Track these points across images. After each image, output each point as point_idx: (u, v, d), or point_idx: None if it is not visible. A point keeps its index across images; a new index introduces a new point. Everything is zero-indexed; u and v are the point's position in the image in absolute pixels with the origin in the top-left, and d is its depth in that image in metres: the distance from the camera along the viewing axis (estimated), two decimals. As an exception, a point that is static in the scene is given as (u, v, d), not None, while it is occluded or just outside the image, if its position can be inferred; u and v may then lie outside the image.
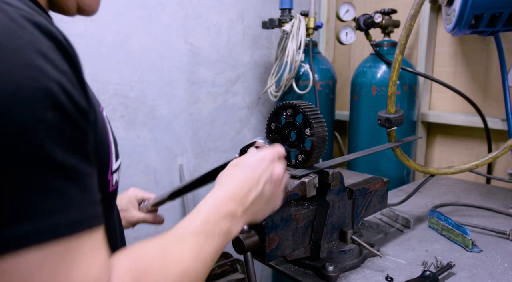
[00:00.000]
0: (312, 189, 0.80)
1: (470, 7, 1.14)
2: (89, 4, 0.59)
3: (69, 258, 0.39)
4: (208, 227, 0.57)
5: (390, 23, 1.71)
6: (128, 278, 0.44)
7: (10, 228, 0.36)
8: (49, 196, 0.38)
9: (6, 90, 0.35)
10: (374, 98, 1.72)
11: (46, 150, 0.37)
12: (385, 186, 1.04)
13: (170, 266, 0.49)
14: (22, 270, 0.36)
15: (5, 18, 0.37)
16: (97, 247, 0.42)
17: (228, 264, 1.88)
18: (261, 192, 0.64)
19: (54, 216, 0.38)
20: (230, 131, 1.98)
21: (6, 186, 0.35)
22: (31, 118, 0.36)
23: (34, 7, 0.46)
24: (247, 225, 0.75)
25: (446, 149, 1.90)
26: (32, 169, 0.36)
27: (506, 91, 1.54)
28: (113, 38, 1.52)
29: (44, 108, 0.37)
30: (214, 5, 1.82)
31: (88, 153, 0.43)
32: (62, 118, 0.39)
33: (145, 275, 0.46)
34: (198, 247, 0.54)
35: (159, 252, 0.50)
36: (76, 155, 0.41)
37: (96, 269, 0.41)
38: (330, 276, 0.86)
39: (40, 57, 0.38)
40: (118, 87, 1.56)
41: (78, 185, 0.41)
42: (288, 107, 0.83)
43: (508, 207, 1.30)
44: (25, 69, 0.36)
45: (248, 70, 2.01)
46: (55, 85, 0.38)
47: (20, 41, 0.37)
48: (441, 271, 0.87)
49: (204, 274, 0.54)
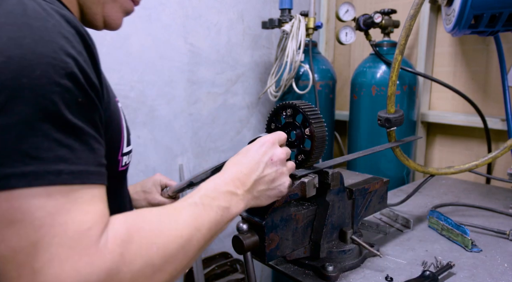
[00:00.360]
0: (312, 189, 0.80)
1: (470, 7, 1.14)
2: (114, 19, 0.68)
3: (69, 203, 0.44)
4: (206, 200, 0.59)
5: (390, 23, 1.72)
6: (122, 230, 0.47)
7: (18, 167, 0.42)
8: (57, 146, 0.44)
9: (31, 59, 0.44)
10: (374, 98, 1.72)
11: (58, 108, 0.44)
12: (385, 186, 1.04)
13: (164, 229, 0.52)
14: (25, 205, 0.41)
15: (37, 7, 0.47)
16: (97, 200, 0.47)
17: (228, 264, 1.88)
18: (261, 173, 0.67)
19: (59, 164, 0.44)
20: (230, 131, 1.98)
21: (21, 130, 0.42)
22: (48, 82, 0.44)
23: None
24: (247, 225, 0.75)
25: (446, 149, 1.91)
26: (45, 121, 0.43)
27: (506, 91, 1.54)
28: (113, 38, 1.52)
29: (59, 75, 0.45)
30: (214, 5, 1.82)
31: (96, 122, 0.50)
32: (74, 86, 0.46)
33: (138, 231, 0.49)
34: (194, 215, 0.56)
35: (156, 216, 0.53)
36: (85, 119, 0.47)
37: (93, 215, 0.45)
38: (330, 276, 0.86)
39: (62, 37, 0.47)
40: (118, 87, 1.56)
41: (84, 144, 0.47)
42: (288, 107, 0.83)
43: (508, 207, 1.30)
44: (48, 44, 0.45)
45: (248, 70, 2.01)
46: (71, 60, 0.47)
47: (47, 24, 0.47)
48: (441, 271, 0.87)
49: (198, 241, 0.56)
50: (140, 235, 0.48)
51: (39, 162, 0.43)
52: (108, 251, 0.44)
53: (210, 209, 0.58)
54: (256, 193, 0.67)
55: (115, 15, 0.68)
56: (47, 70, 0.44)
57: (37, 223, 0.41)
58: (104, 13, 0.66)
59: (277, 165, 0.69)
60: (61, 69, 0.45)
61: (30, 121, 0.43)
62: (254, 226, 0.76)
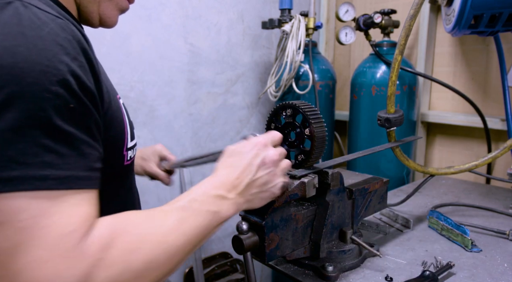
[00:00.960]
0: (311, 189, 0.80)
1: (470, 7, 1.14)
2: (109, 16, 0.69)
3: (53, 207, 0.45)
4: (194, 204, 0.58)
5: (390, 23, 1.72)
6: (106, 234, 0.47)
7: (5, 172, 0.43)
8: (44, 152, 0.45)
9: (23, 67, 0.45)
10: (374, 99, 1.72)
11: (48, 115, 0.45)
12: (384, 186, 1.04)
13: (149, 233, 0.52)
14: (9, 208, 0.43)
15: (32, 16, 0.49)
16: (84, 203, 0.48)
17: (228, 264, 1.88)
18: (254, 176, 0.65)
19: (45, 169, 0.45)
20: (230, 131, 1.98)
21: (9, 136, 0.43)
22: (39, 89, 0.45)
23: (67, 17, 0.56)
24: (247, 225, 0.75)
25: (446, 149, 1.91)
26: (34, 128, 0.44)
27: (506, 91, 1.54)
28: (113, 38, 1.52)
29: (51, 82, 0.46)
30: (214, 5, 1.82)
31: (90, 126, 0.51)
32: (67, 92, 0.47)
33: (122, 236, 0.49)
34: (181, 219, 0.56)
35: (142, 219, 0.53)
36: (77, 124, 0.48)
37: (77, 219, 0.46)
38: (329, 276, 0.86)
39: (56, 45, 0.48)
40: (118, 88, 1.55)
41: (74, 149, 0.48)
42: (288, 108, 0.83)
43: (507, 207, 1.30)
44: (41, 52, 0.46)
45: (248, 70, 2.01)
46: (64, 66, 0.48)
47: (41, 33, 0.48)
48: (441, 271, 0.87)
49: (184, 246, 0.55)
50: (123, 240, 0.48)
51: (25, 167, 0.44)
52: (88, 254, 0.45)
53: (198, 214, 0.57)
54: (249, 196, 0.65)
55: (111, 13, 0.69)
56: (38, 77, 0.45)
57: (20, 225, 0.42)
58: (100, 11, 0.68)
59: (269, 166, 0.66)
60: (53, 76, 0.46)
61: (19, 127, 0.44)
62: (254, 226, 0.76)
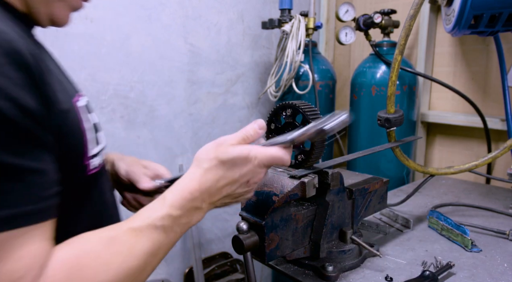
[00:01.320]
0: (311, 189, 0.80)
1: (470, 7, 1.14)
2: (61, 17, 0.66)
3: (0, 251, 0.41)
4: (168, 221, 0.55)
5: (390, 23, 1.72)
6: (62, 273, 0.44)
7: None
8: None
9: None
10: (374, 99, 1.72)
11: None
12: (384, 186, 1.04)
13: (114, 261, 0.48)
14: None
15: None
16: (35, 240, 0.44)
17: (228, 264, 1.88)
18: (233, 191, 0.63)
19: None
20: (230, 131, 1.97)
21: None
22: None
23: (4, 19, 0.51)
24: (247, 225, 0.75)
25: (446, 149, 1.91)
26: None
27: (506, 91, 1.54)
28: (113, 39, 1.52)
29: None
30: (214, 5, 1.82)
31: (33, 150, 0.46)
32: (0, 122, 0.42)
33: (81, 270, 0.46)
34: (154, 242, 0.53)
35: (106, 244, 0.50)
36: (19, 154, 0.44)
37: (26, 261, 0.43)
38: (329, 276, 0.86)
39: None
40: (118, 88, 1.56)
41: (20, 182, 0.43)
42: (288, 108, 0.83)
43: (507, 207, 1.30)
44: None
45: (248, 70, 2.01)
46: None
47: None
48: (441, 271, 0.87)
49: (153, 266, 0.54)
50: (82, 276, 0.45)
51: None
52: None
53: (171, 232, 0.56)
54: (218, 203, 0.64)
55: (62, 13, 0.66)
56: None
57: None
58: (50, 12, 0.64)
59: (250, 185, 0.64)
60: None
61: None
62: (254, 226, 0.76)
